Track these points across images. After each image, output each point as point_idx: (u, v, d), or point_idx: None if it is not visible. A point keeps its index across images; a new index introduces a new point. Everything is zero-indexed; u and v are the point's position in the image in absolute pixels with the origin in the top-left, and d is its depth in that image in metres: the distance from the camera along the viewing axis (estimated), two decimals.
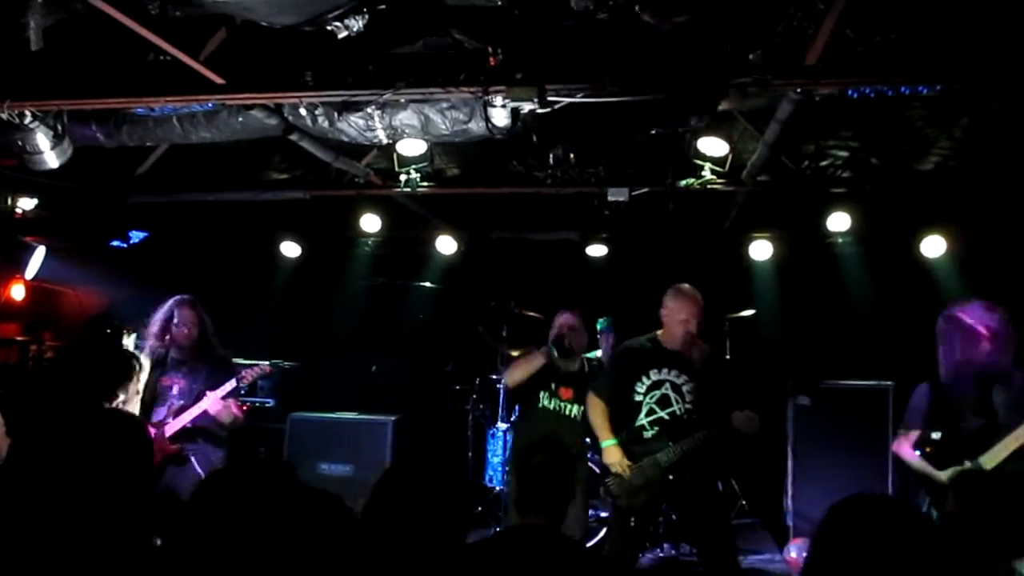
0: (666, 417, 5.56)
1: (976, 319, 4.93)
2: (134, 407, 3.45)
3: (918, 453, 5.16)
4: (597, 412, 5.76)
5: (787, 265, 8.29)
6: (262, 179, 7.70)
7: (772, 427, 7.83)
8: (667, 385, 5.59)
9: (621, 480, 5.54)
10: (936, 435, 5.07)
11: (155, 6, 4.54)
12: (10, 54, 4.71)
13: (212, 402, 5.85)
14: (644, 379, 5.62)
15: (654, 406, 5.59)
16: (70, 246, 8.12)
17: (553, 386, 6.36)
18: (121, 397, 3.27)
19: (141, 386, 5.54)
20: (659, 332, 5.75)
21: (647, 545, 7.22)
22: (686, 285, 5.76)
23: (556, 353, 6.27)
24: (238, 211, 8.30)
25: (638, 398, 5.62)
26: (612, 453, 5.59)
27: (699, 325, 5.61)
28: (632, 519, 5.52)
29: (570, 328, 6.34)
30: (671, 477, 5.46)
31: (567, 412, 6.33)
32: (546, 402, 6.36)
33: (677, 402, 5.56)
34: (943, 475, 4.90)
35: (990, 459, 4.77)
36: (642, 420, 5.61)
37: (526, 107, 4.56)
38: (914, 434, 5.16)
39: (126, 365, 3.51)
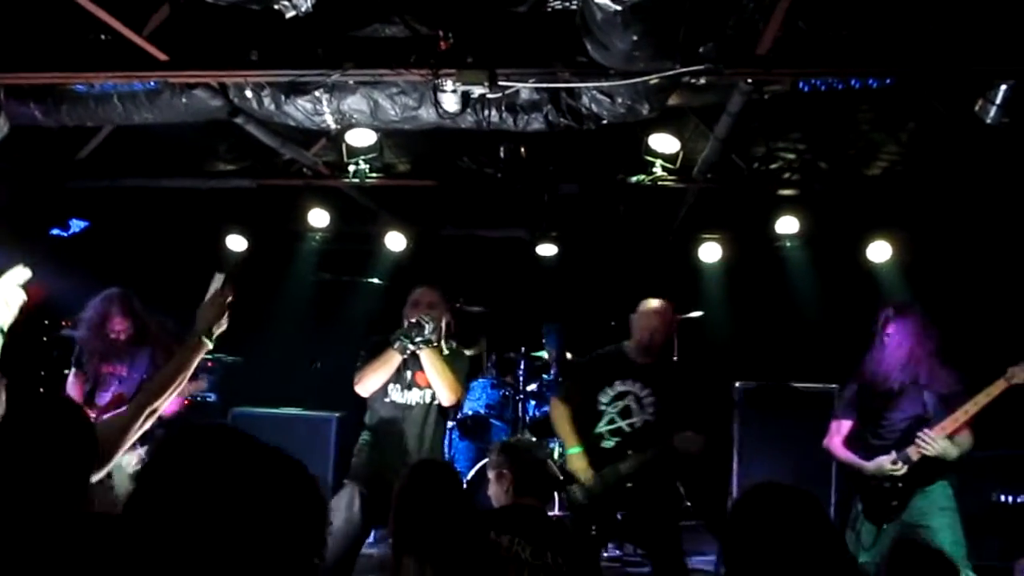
0: (626, 428, 5.63)
1: (902, 324, 5.14)
2: None
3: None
4: (562, 418, 5.75)
5: (735, 267, 8.32)
6: (208, 169, 7.56)
7: (717, 429, 7.87)
8: (630, 396, 5.64)
9: (583, 488, 5.58)
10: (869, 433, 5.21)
11: None
12: None
13: None
14: (608, 389, 5.67)
15: (615, 416, 5.65)
16: (7, 233, 7.89)
17: (409, 375, 5.29)
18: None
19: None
20: (627, 342, 5.83)
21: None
22: (654, 300, 5.81)
23: (407, 341, 5.08)
24: (183, 203, 8.15)
25: (601, 407, 5.67)
26: (577, 461, 5.60)
27: (662, 337, 5.71)
28: (592, 528, 5.56)
29: (428, 304, 5.31)
30: (629, 485, 5.53)
31: (424, 401, 5.31)
32: (396, 396, 5.30)
33: (638, 414, 5.61)
34: (870, 466, 5.08)
35: (915, 451, 4.96)
36: (602, 428, 5.66)
37: (476, 91, 4.50)
38: (846, 424, 5.29)
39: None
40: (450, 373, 5.21)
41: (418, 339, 5.06)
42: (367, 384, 5.27)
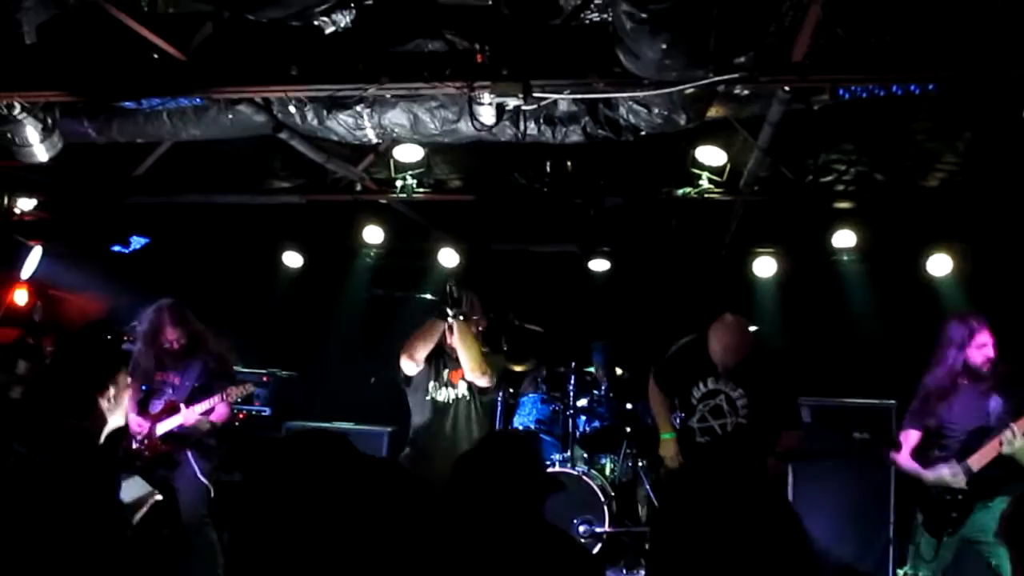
0: (717, 429, 5.68)
1: (967, 330, 5.18)
2: (122, 403, 3.48)
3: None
4: (658, 402, 6.02)
5: (790, 281, 8.18)
6: (264, 186, 7.68)
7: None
8: (722, 396, 5.68)
9: (670, 473, 5.88)
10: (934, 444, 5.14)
11: (146, 2, 4.58)
12: (2, 48, 4.71)
13: (188, 415, 5.93)
14: (701, 385, 5.74)
15: (707, 414, 5.70)
16: (71, 250, 8.11)
17: (446, 373, 5.57)
18: (112, 391, 3.28)
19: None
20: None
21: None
22: (726, 316, 5.76)
23: (449, 308, 5.43)
24: (240, 220, 8.29)
25: (693, 402, 5.76)
26: (668, 447, 5.87)
27: (738, 353, 5.65)
28: None
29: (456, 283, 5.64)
30: None
31: (461, 396, 5.55)
32: (435, 394, 5.56)
33: (730, 415, 5.63)
34: (929, 475, 5.10)
35: (976, 462, 4.97)
36: (694, 424, 5.74)
37: (511, 103, 4.51)
38: (913, 435, 5.22)
39: (116, 358, 3.57)
40: (478, 349, 5.40)
41: (453, 308, 5.36)
42: (414, 353, 5.45)
